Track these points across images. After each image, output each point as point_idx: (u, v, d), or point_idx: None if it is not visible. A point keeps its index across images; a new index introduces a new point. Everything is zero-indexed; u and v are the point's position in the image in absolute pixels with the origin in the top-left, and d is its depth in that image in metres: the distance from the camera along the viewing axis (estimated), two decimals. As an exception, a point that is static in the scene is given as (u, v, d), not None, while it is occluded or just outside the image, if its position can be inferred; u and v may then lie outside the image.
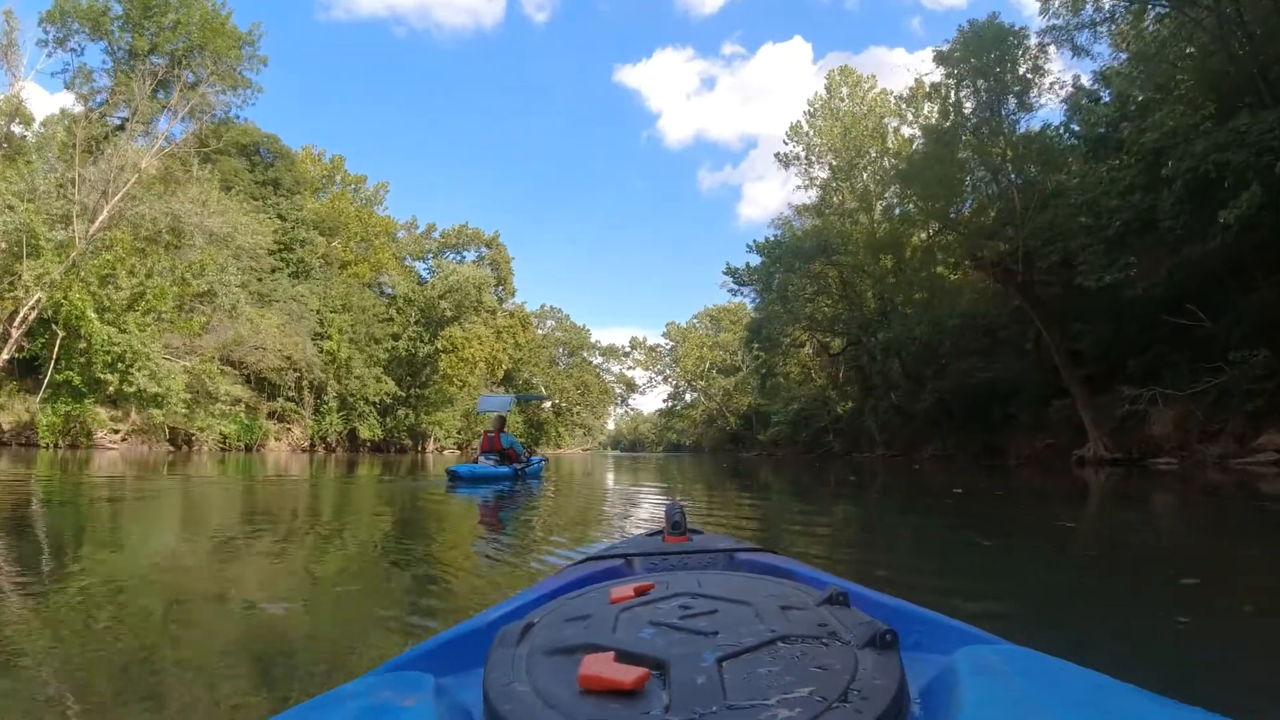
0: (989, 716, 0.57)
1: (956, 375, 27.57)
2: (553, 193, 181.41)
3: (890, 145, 32.15)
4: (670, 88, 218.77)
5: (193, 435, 34.61)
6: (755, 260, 40.06)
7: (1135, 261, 16.43)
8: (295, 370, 45.29)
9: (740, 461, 32.99)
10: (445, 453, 56.35)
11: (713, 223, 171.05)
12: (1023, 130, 22.47)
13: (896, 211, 28.26)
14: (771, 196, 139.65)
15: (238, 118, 43.48)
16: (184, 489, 10.06)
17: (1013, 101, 22.46)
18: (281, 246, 48.70)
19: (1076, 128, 20.11)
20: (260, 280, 45.06)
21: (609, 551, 1.40)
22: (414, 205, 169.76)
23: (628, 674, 0.60)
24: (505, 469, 11.58)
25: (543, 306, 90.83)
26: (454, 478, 10.62)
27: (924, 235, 27.73)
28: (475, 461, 11.86)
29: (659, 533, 1.54)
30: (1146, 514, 8.31)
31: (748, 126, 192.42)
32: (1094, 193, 17.42)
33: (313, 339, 46.66)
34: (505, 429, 12.46)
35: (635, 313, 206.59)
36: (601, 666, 0.62)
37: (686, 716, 0.55)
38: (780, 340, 40.79)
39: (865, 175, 32.34)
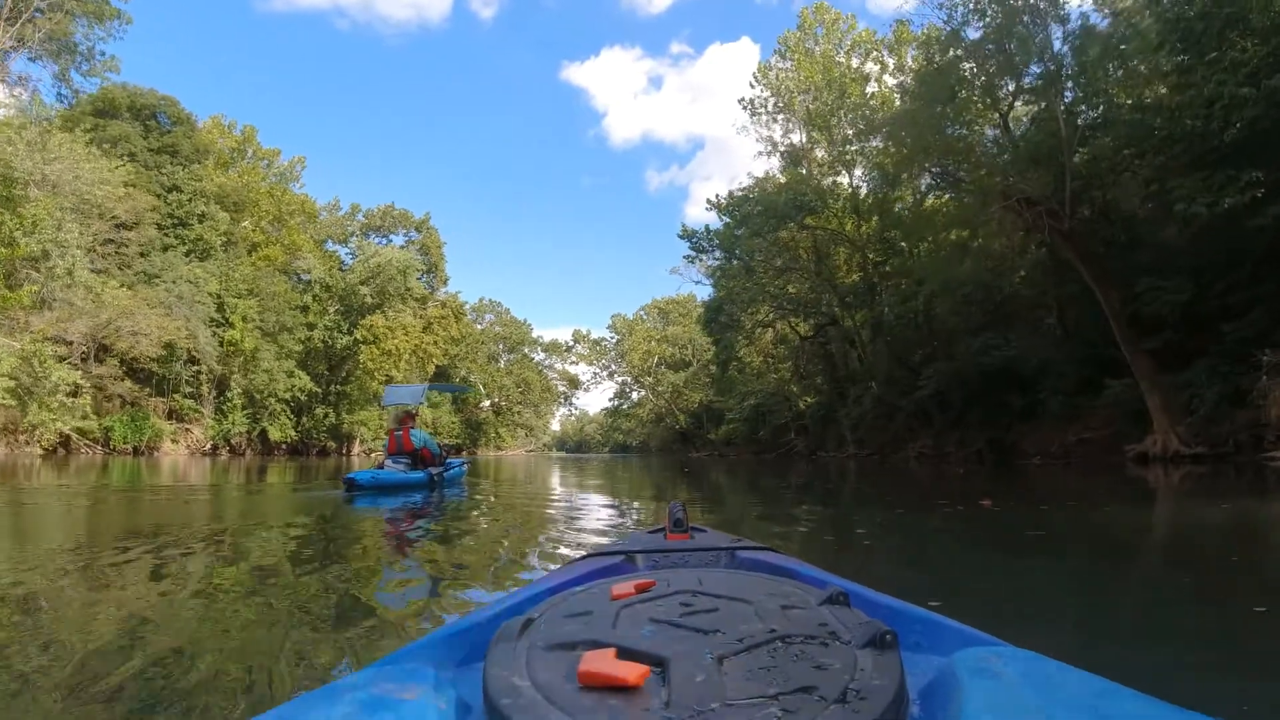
0: (988, 719, 0.57)
1: (964, 356, 22.89)
2: (497, 188, 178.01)
3: (874, 91, 27.61)
4: (617, 86, 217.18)
5: (68, 436, 30.01)
6: (715, 224, 35.47)
7: (1261, 178, 11.78)
8: (192, 362, 39.78)
9: (689, 462, 28.46)
10: (373, 455, 51.08)
11: (660, 223, 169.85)
12: (1058, 36, 17.73)
13: (891, 156, 23.22)
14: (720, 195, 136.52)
15: (102, 53, 37.44)
16: (27, 501, 8.54)
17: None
18: (176, 221, 43.40)
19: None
20: (145, 256, 39.35)
21: (611, 548, 1.36)
22: (347, 197, 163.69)
23: (628, 670, 0.61)
24: (417, 475, 9.86)
25: (481, 300, 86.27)
26: (351, 486, 8.82)
27: (922, 184, 23.00)
28: (381, 466, 10.18)
29: (661, 529, 1.52)
30: None
31: (695, 127, 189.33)
32: (1197, 90, 12.73)
33: (211, 326, 40.98)
34: (416, 424, 10.60)
35: (580, 312, 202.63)
36: (602, 663, 0.63)
37: (686, 714, 0.56)
38: (743, 322, 36.04)
39: (846, 123, 27.59)
